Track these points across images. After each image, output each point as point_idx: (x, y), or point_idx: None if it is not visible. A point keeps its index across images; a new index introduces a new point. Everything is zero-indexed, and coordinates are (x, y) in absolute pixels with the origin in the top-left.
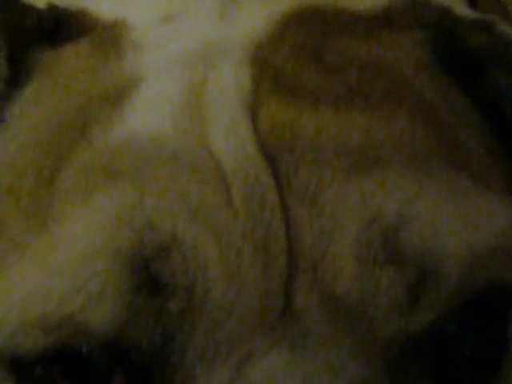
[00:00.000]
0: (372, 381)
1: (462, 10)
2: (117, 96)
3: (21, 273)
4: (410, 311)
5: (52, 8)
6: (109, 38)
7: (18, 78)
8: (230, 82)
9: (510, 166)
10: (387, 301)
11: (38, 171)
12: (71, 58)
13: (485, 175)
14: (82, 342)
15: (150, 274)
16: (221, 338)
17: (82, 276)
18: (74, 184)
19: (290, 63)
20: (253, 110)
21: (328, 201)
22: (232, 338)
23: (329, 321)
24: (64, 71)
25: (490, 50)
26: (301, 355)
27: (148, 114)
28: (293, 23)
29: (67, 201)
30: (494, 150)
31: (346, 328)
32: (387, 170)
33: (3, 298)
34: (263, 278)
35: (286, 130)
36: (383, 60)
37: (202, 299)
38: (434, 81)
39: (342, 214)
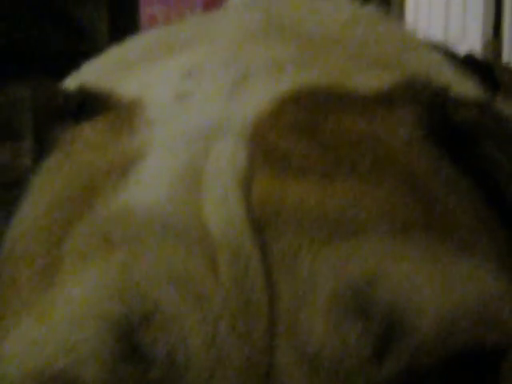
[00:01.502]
0: None
1: (465, 90)
2: (124, 168)
3: (24, 328)
4: (380, 362)
5: (80, 88)
6: (124, 115)
7: (42, 152)
8: (227, 158)
9: (504, 233)
10: (356, 352)
11: (50, 235)
12: (88, 133)
13: (472, 243)
14: None
15: (132, 343)
16: None
17: (72, 338)
18: (76, 250)
19: (283, 140)
20: (245, 184)
21: (305, 265)
22: None
23: (308, 378)
24: (80, 145)
25: (478, 124)
26: None
27: (147, 186)
28: (291, 102)
29: (70, 265)
30: (485, 219)
31: None
32: (364, 236)
33: (9, 351)
34: (244, 343)
35: (272, 202)
36: (374, 135)
37: (183, 367)
38: (425, 153)
39: (316, 277)
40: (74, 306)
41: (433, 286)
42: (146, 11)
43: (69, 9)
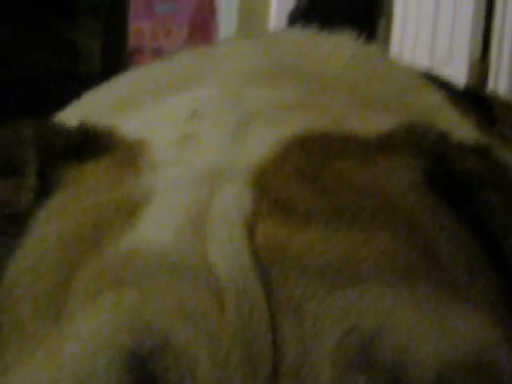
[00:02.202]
0: None
1: (466, 133)
2: (130, 210)
3: (32, 365)
4: None
5: (82, 126)
6: (128, 156)
7: (44, 189)
8: (232, 202)
9: (499, 281)
10: None
11: (56, 273)
12: (92, 173)
13: (468, 291)
14: None
15: (145, 371)
16: None
17: (83, 371)
18: (85, 287)
19: (288, 186)
20: (251, 228)
21: (309, 312)
22: None
23: None
24: (85, 185)
25: (478, 172)
26: None
27: (155, 227)
28: (295, 148)
29: (77, 302)
30: (481, 267)
31: None
32: (367, 285)
33: None
34: (249, 379)
35: (278, 248)
36: (374, 182)
37: None
38: (423, 201)
39: (321, 324)
40: (84, 341)
41: (433, 336)
42: (132, 26)
43: (65, 31)
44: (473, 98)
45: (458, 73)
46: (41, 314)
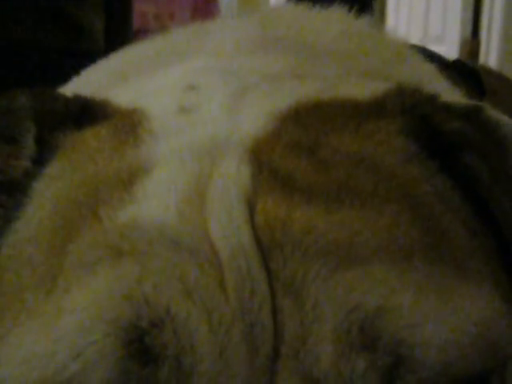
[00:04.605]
0: None
1: (456, 96)
2: (129, 180)
3: (27, 335)
4: None
5: (77, 96)
6: (128, 124)
7: (43, 156)
8: (231, 177)
9: (494, 244)
10: (364, 382)
11: (52, 242)
12: (92, 140)
13: (468, 260)
14: None
15: (143, 345)
16: None
17: (80, 343)
18: (81, 258)
19: (285, 160)
20: (250, 205)
21: (311, 294)
22: None
23: None
24: (84, 152)
25: (462, 134)
26: None
27: (156, 200)
28: (290, 120)
29: (74, 273)
30: (476, 231)
31: None
32: (369, 266)
33: (10, 357)
34: (249, 359)
35: (279, 227)
36: (372, 155)
37: (189, 370)
38: (421, 170)
39: (323, 306)
40: (81, 313)
41: (436, 316)
42: (136, 9)
43: (68, 9)
44: (462, 70)
45: (450, 51)
46: (38, 282)
